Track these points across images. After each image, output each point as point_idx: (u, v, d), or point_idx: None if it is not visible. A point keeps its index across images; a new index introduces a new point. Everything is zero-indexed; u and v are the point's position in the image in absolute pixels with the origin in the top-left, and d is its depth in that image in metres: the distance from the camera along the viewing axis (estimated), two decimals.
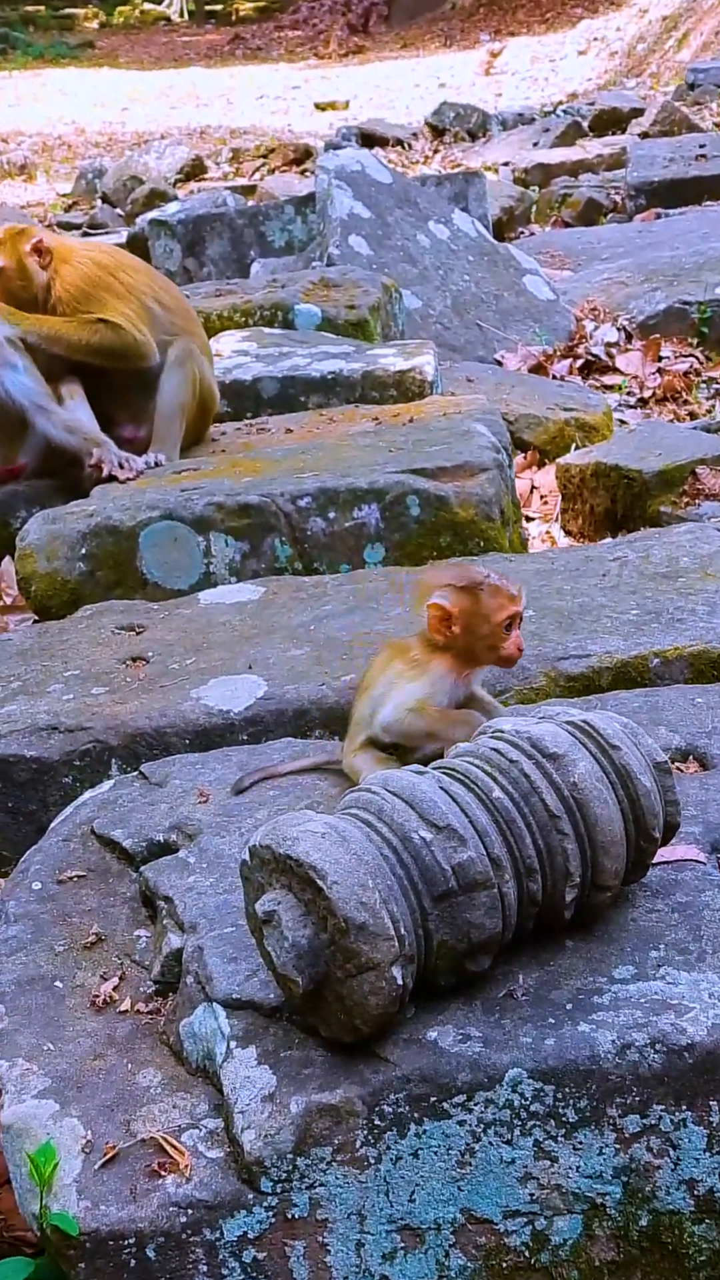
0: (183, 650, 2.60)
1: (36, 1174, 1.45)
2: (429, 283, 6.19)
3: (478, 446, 3.32)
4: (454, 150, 13.77)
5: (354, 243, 6.05)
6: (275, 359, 4.39)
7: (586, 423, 4.87)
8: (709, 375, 5.88)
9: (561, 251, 8.02)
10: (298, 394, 4.25)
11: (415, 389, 4.24)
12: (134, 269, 3.76)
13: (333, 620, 2.65)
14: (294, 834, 1.50)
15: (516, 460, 4.75)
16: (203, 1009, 1.60)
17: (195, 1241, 1.42)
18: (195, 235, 7.35)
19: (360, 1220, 1.44)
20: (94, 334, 3.58)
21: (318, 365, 4.31)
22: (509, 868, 1.53)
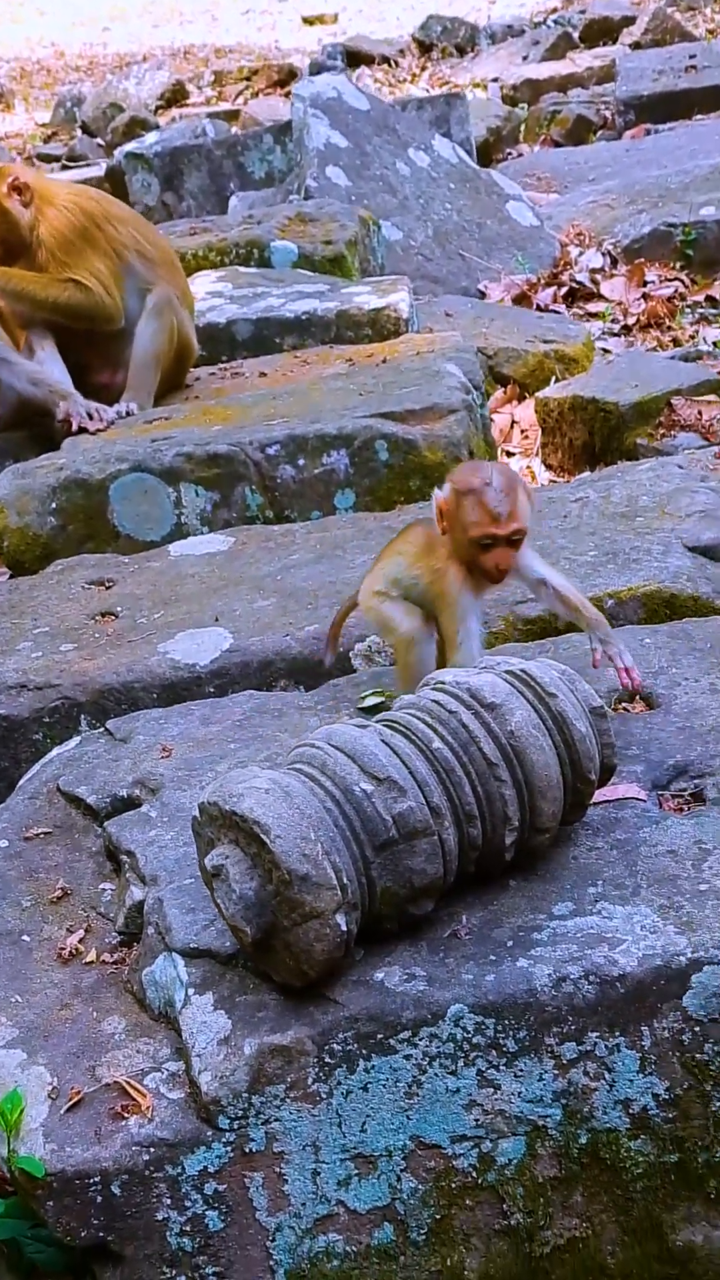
0: (151, 604, 2.66)
1: (4, 1120, 1.54)
2: (409, 213, 6.13)
3: (447, 388, 3.34)
4: (442, 67, 13.48)
5: (331, 174, 5.98)
6: (250, 300, 4.39)
7: (566, 354, 4.87)
8: (693, 300, 5.84)
9: (549, 173, 7.91)
10: (272, 335, 4.25)
11: (390, 327, 4.24)
12: (120, 219, 3.74)
13: (299, 570, 2.70)
14: (239, 790, 1.56)
15: (496, 395, 4.75)
16: (163, 958, 1.68)
17: (158, 1177, 1.51)
18: (173, 168, 7.26)
19: (315, 1151, 1.53)
20: (61, 293, 3.59)
21: (292, 305, 4.30)
22: (449, 815, 1.60)
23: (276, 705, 2.18)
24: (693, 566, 2.43)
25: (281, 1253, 1.53)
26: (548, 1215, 1.53)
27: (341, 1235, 1.54)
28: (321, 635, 2.45)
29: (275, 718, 2.14)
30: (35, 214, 3.58)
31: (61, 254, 3.57)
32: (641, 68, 9.14)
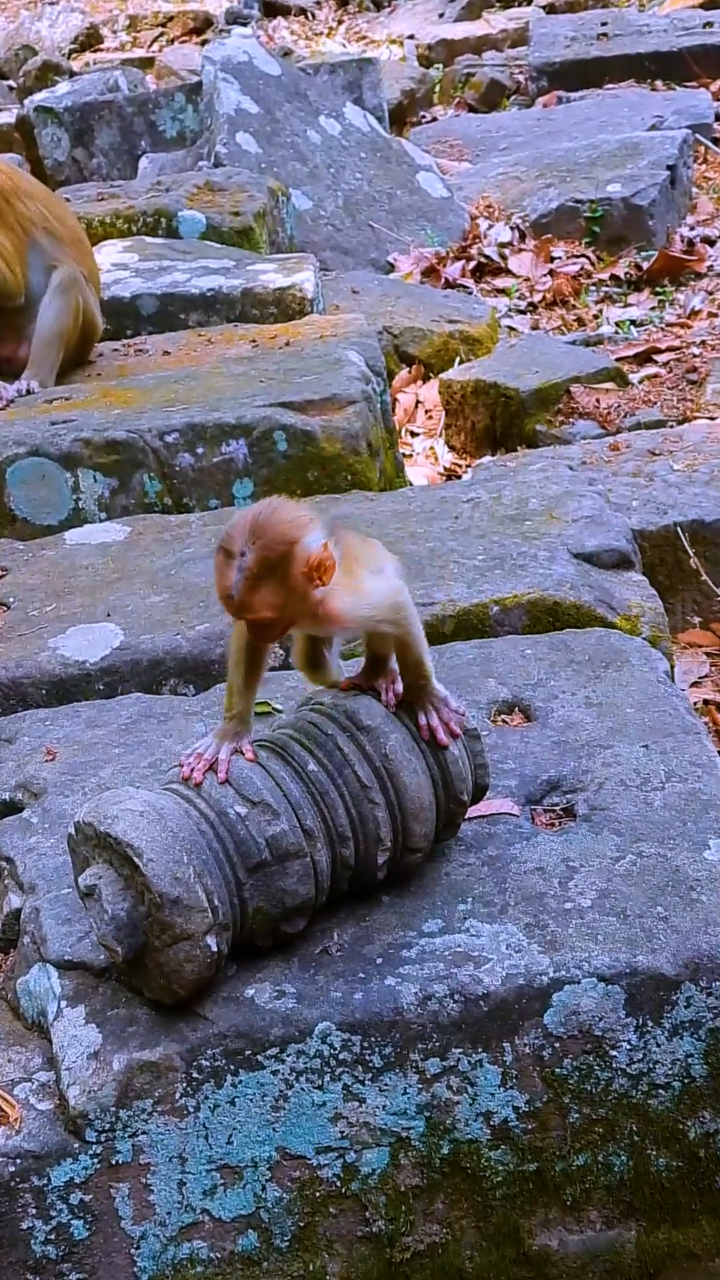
0: (44, 595, 2.63)
1: None
2: (320, 182, 6.06)
3: (347, 377, 3.33)
4: (359, 21, 13.25)
5: (241, 140, 5.88)
6: (155, 274, 4.31)
7: (471, 335, 4.88)
8: (598, 278, 5.89)
9: (460, 141, 7.87)
10: (178, 311, 4.19)
11: (296, 307, 4.21)
12: (30, 195, 3.65)
13: (194, 564, 2.68)
14: (114, 812, 1.57)
15: (401, 374, 4.75)
16: (37, 968, 1.69)
17: (23, 1188, 1.53)
18: (84, 124, 7.06)
19: (181, 1162, 1.56)
20: None
21: (198, 281, 4.24)
22: (321, 837, 1.62)
23: (163, 709, 2.18)
24: (576, 573, 2.48)
25: (146, 1259, 1.56)
26: (409, 1222, 1.58)
27: (206, 1242, 1.57)
28: (212, 634, 2.45)
29: (161, 722, 2.14)
30: None
31: None
32: (554, 33, 9.10)
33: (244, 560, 1.45)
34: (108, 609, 2.55)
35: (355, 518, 2.82)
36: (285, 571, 1.47)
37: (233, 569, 1.46)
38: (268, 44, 10.37)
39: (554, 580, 2.43)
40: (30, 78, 11.12)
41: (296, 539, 1.47)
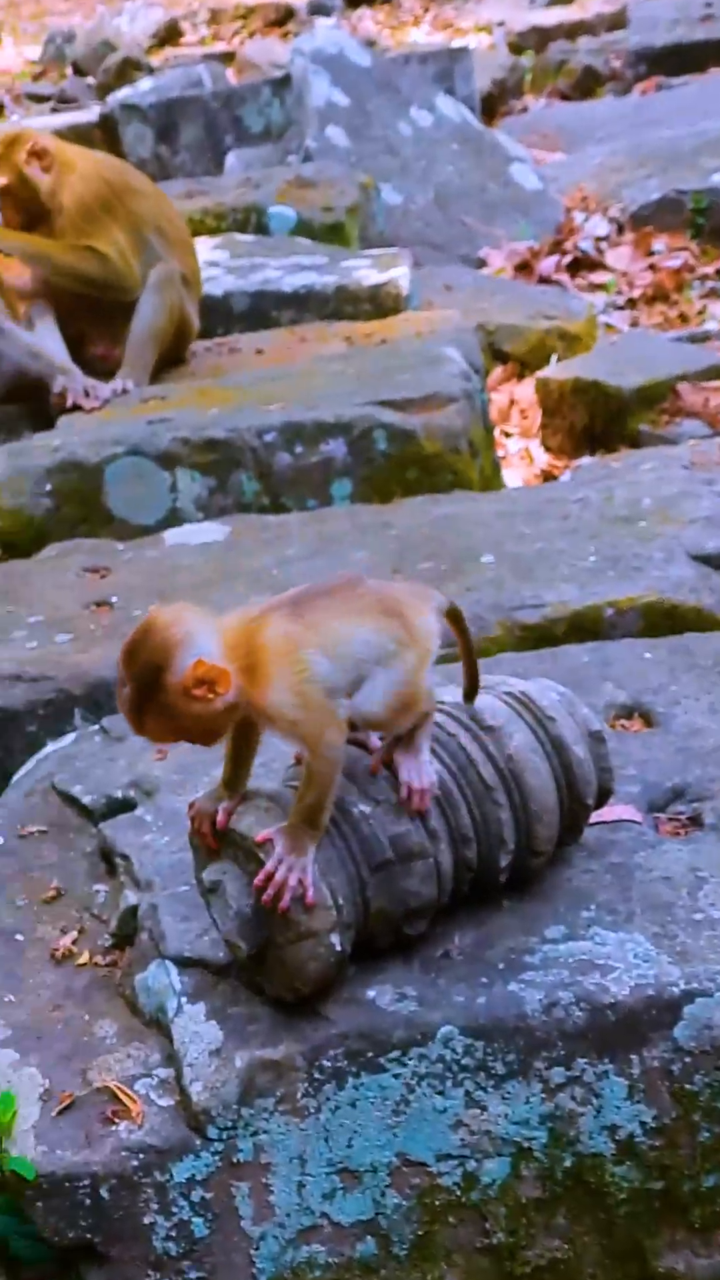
0: (146, 595, 2.70)
1: (2, 1110, 1.61)
2: (410, 176, 6.12)
3: (447, 375, 3.37)
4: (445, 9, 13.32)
5: (331, 134, 5.97)
6: (247, 271, 4.40)
7: (568, 332, 4.89)
8: (702, 272, 5.85)
9: (553, 130, 7.87)
10: (270, 309, 4.27)
11: (390, 303, 4.26)
12: (142, 194, 3.77)
13: (296, 565, 2.74)
14: (239, 808, 1.62)
15: (495, 373, 4.78)
16: (156, 965, 1.75)
17: (146, 1183, 1.58)
18: (168, 120, 7.21)
19: (301, 1164, 1.60)
20: (80, 260, 3.62)
21: (290, 279, 4.32)
22: (445, 838, 1.66)
23: None
24: (696, 576, 2.48)
25: (265, 1261, 1.61)
26: (530, 1235, 1.61)
27: (325, 1246, 1.61)
28: None
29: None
30: (55, 181, 3.59)
31: (82, 222, 3.59)
32: (655, 16, 9.03)
33: (125, 691, 1.49)
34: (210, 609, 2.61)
35: (458, 518, 2.87)
36: (162, 698, 1.48)
37: (122, 700, 1.50)
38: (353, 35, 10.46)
39: (672, 582, 2.44)
40: (110, 74, 11.36)
41: (163, 665, 1.47)
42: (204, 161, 7.00)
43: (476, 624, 2.44)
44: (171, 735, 1.53)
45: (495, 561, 2.60)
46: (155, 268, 3.73)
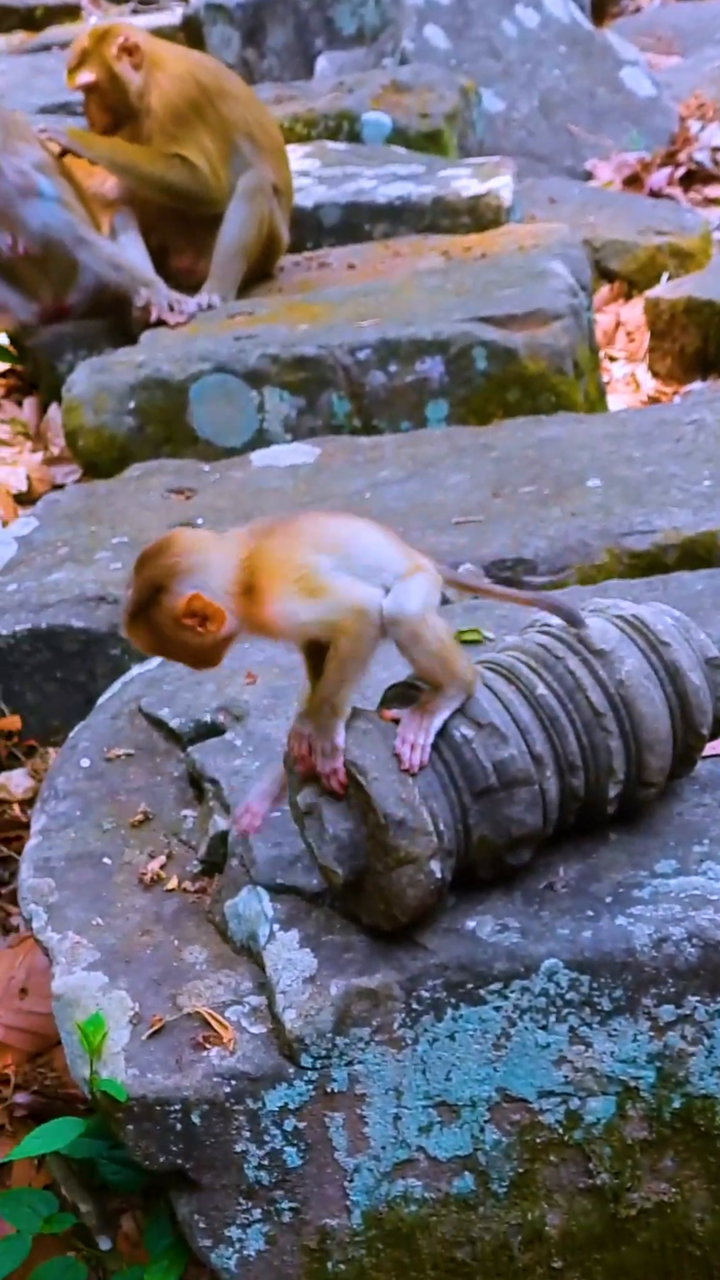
0: (233, 518, 2.71)
1: (86, 1042, 1.66)
2: (514, 80, 6.00)
3: (553, 290, 3.32)
4: None
5: (430, 34, 5.86)
6: (339, 181, 4.36)
7: (681, 248, 4.78)
8: None
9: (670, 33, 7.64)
10: (362, 222, 4.23)
11: (490, 216, 4.20)
12: (235, 97, 3.73)
13: (389, 488, 2.74)
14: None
15: (601, 292, 4.70)
16: (247, 891, 1.77)
17: (238, 1110, 1.62)
18: (255, 22, 7.11)
19: (397, 1096, 1.63)
20: (168, 170, 3.61)
21: (385, 189, 4.27)
22: (551, 765, 1.66)
23: None
24: None
25: (359, 1193, 1.64)
26: (635, 1177, 1.62)
27: (421, 1181, 1.64)
28: None
29: None
30: (145, 80, 3.58)
31: (171, 126, 3.58)
32: None
33: (128, 595, 1.57)
34: None
35: (563, 441, 2.83)
36: (155, 616, 1.55)
37: (122, 604, 1.58)
38: None
39: None
40: None
41: (164, 586, 1.54)
42: (293, 66, 6.91)
43: (582, 551, 2.42)
44: (159, 651, 1.60)
45: (602, 485, 2.56)
46: (245, 176, 3.71)
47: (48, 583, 2.54)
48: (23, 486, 3.34)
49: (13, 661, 2.43)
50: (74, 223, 3.55)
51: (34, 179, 3.47)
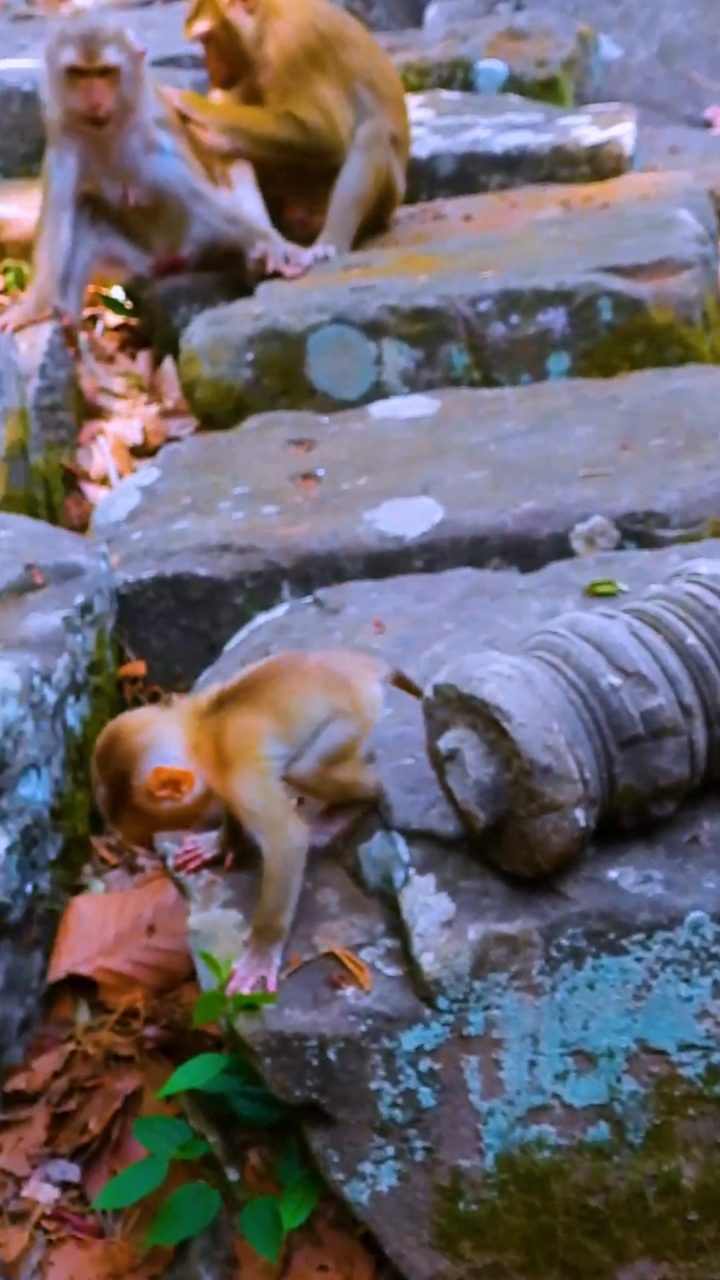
0: (354, 469, 2.74)
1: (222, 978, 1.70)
2: (632, 25, 5.91)
3: (680, 238, 3.29)
4: None
5: None
6: (454, 131, 4.34)
7: None
8: None
9: None
10: (478, 173, 4.22)
11: (611, 165, 4.16)
12: (355, 44, 3.71)
13: (512, 441, 2.74)
14: (480, 674, 1.65)
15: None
16: (381, 836, 1.81)
17: (374, 1049, 1.66)
18: None
19: (534, 1042, 1.66)
20: (281, 130, 3.62)
21: (501, 139, 4.24)
22: (700, 715, 1.66)
23: (495, 586, 2.26)
24: None
25: (493, 1136, 1.67)
26: None
27: (555, 1128, 1.67)
28: (539, 513, 2.51)
29: (494, 599, 2.22)
30: (261, 27, 3.58)
31: (288, 77, 3.58)
32: None
33: (100, 793, 1.71)
34: (423, 484, 2.64)
35: (695, 393, 2.81)
36: (133, 802, 1.70)
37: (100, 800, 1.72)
38: None
39: None
40: None
41: (129, 771, 1.69)
42: (400, 17, 6.87)
43: (717, 504, 2.41)
44: (151, 830, 1.76)
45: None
46: (363, 125, 3.70)
47: (172, 531, 2.59)
48: (138, 439, 3.39)
49: (138, 608, 2.48)
50: (189, 176, 3.57)
51: (154, 134, 3.50)
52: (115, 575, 2.47)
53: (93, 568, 2.31)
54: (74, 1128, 1.99)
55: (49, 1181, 1.95)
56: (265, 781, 1.71)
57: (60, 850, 2.16)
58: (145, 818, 1.73)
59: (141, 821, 1.74)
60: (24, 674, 2.00)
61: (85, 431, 3.40)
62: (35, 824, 2.03)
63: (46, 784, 2.07)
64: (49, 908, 2.10)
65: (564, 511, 2.48)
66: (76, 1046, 2.06)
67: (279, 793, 1.72)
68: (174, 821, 1.75)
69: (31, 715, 2.01)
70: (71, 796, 2.20)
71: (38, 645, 2.10)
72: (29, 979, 2.06)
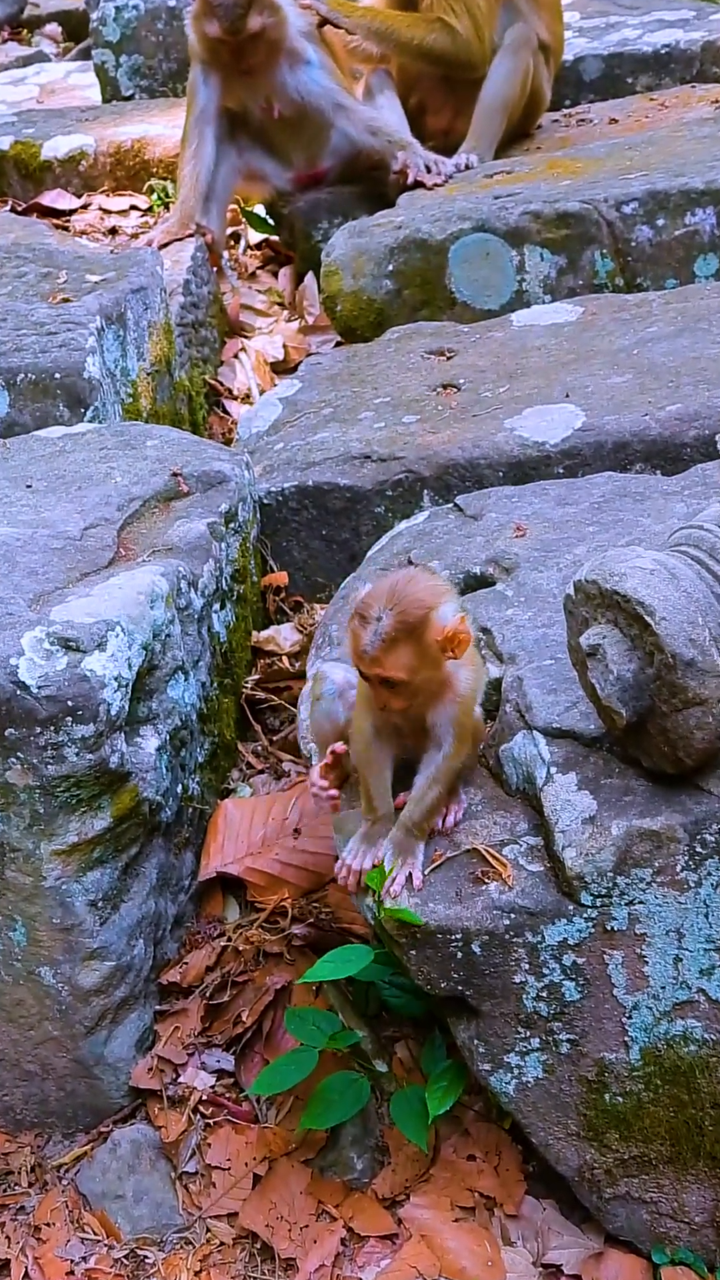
0: (495, 377, 2.71)
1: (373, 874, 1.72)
2: None
3: None
4: None
5: None
6: (601, 32, 4.20)
7: None
8: None
9: None
10: (624, 75, 4.08)
11: None
12: None
13: (658, 344, 2.66)
14: (622, 569, 1.62)
15: None
16: (522, 736, 1.80)
17: (517, 943, 1.67)
18: None
19: (679, 938, 1.64)
20: (427, 35, 3.54)
21: (650, 37, 4.09)
22: None
23: (638, 488, 2.21)
24: None
25: (638, 1030, 1.67)
26: None
27: (701, 1022, 1.66)
28: (685, 415, 2.44)
29: (637, 501, 2.17)
30: None
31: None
32: None
33: (381, 624, 1.64)
34: (565, 390, 2.59)
35: None
36: (421, 636, 1.64)
37: (369, 631, 1.64)
38: None
39: None
40: None
41: (434, 606, 1.65)
42: None
43: None
44: (402, 671, 1.66)
45: None
46: (512, 29, 3.58)
47: (313, 441, 2.60)
48: (279, 355, 3.40)
49: (280, 518, 2.50)
50: (334, 89, 3.53)
51: (298, 45, 3.46)
52: (258, 485, 2.49)
53: (236, 476, 2.34)
54: (227, 1019, 2.05)
55: (205, 1069, 2.02)
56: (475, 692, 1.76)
57: (208, 754, 2.21)
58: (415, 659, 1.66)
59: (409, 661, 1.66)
60: (171, 578, 2.04)
61: (228, 349, 3.42)
62: (184, 725, 2.08)
63: (194, 688, 2.11)
64: (198, 809, 2.16)
65: (711, 413, 2.41)
66: (227, 943, 2.12)
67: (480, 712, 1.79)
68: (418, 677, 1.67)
69: (179, 619, 2.05)
70: (218, 701, 2.24)
71: (184, 551, 2.13)
72: (181, 877, 2.12)
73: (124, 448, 2.37)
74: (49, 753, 1.81)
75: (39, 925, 1.89)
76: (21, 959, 1.92)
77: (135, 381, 2.78)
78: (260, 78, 3.46)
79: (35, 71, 5.35)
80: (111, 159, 4.01)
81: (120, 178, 4.01)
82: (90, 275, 2.86)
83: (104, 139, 4.02)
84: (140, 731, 1.98)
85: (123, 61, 4.68)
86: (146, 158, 3.99)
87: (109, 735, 1.84)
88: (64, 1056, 1.97)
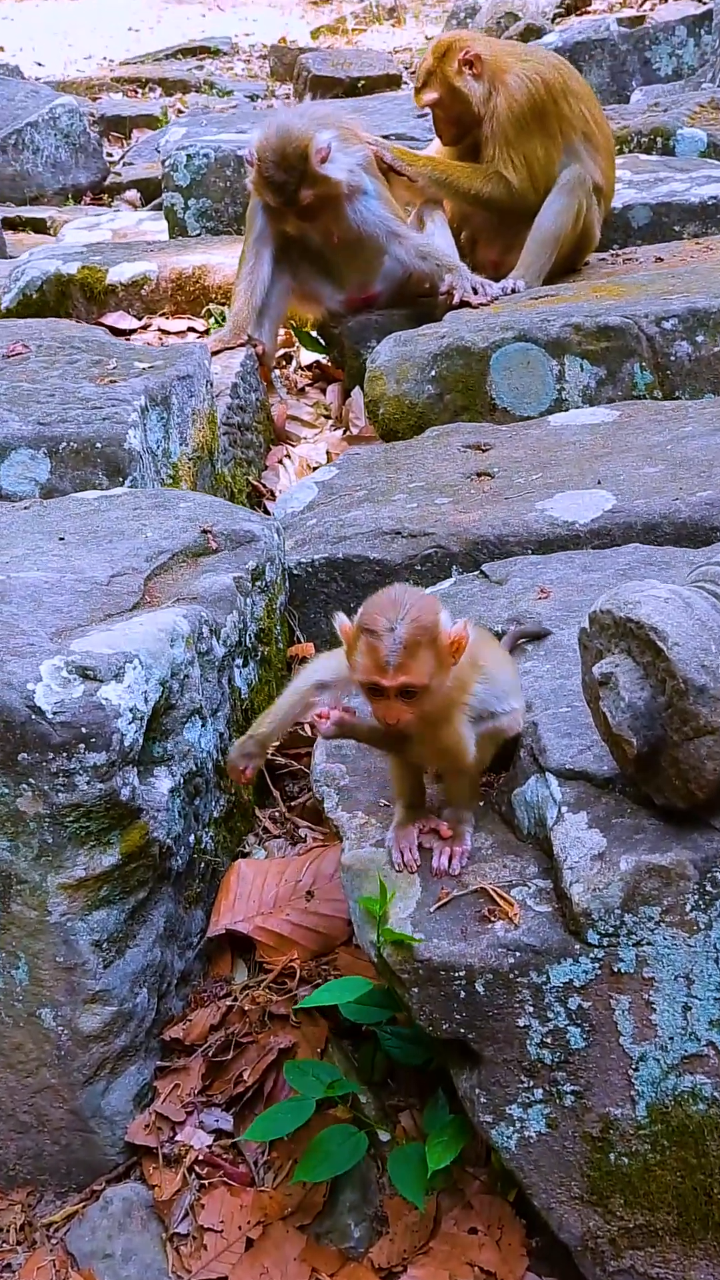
0: (529, 467, 2.73)
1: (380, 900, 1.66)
2: None
3: None
4: None
5: None
6: (650, 185, 4.34)
7: None
8: None
9: None
10: (672, 223, 4.20)
11: None
12: (577, 95, 3.74)
13: (692, 440, 2.68)
14: (636, 598, 1.60)
15: None
16: (535, 779, 1.75)
17: (522, 983, 1.59)
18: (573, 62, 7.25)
19: (688, 983, 1.56)
20: (485, 185, 3.69)
21: (698, 190, 4.23)
22: None
23: (664, 558, 2.20)
24: None
25: (644, 1084, 1.57)
26: None
27: (710, 1079, 1.56)
28: (716, 501, 2.44)
29: (662, 569, 2.15)
30: (488, 87, 3.66)
31: (511, 131, 3.63)
32: None
33: (397, 633, 1.65)
34: (598, 478, 2.60)
35: None
36: (435, 639, 1.66)
37: (387, 642, 1.65)
38: None
39: None
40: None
41: (439, 610, 1.68)
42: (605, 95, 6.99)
43: None
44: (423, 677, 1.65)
45: None
46: (569, 169, 3.71)
47: (346, 519, 2.62)
48: (322, 460, 3.46)
49: (309, 590, 2.50)
50: (388, 218, 3.67)
51: (361, 178, 3.61)
52: (289, 557, 2.50)
53: (266, 536, 2.35)
54: (228, 1078, 1.97)
55: (203, 1128, 1.93)
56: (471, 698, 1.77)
57: (224, 811, 2.17)
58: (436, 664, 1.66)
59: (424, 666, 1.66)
60: (193, 621, 2.04)
61: (272, 455, 3.49)
62: (199, 773, 2.05)
63: (211, 736, 2.09)
64: (211, 865, 2.11)
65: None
66: (233, 1003, 2.04)
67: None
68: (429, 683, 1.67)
69: (199, 663, 2.04)
70: None
71: (208, 601, 2.13)
72: (190, 933, 2.06)
73: (157, 508, 2.40)
74: (60, 779, 1.78)
75: (42, 963, 1.84)
76: (23, 999, 1.86)
77: (176, 464, 2.83)
78: (319, 216, 3.60)
79: (110, 219, 5.63)
80: (173, 284, 4.18)
81: (180, 301, 4.16)
82: (139, 363, 2.95)
83: (166, 265, 4.19)
84: (154, 771, 1.96)
85: (190, 205, 4.93)
86: (206, 284, 4.16)
87: (121, 766, 1.81)
88: (60, 1107, 1.89)
